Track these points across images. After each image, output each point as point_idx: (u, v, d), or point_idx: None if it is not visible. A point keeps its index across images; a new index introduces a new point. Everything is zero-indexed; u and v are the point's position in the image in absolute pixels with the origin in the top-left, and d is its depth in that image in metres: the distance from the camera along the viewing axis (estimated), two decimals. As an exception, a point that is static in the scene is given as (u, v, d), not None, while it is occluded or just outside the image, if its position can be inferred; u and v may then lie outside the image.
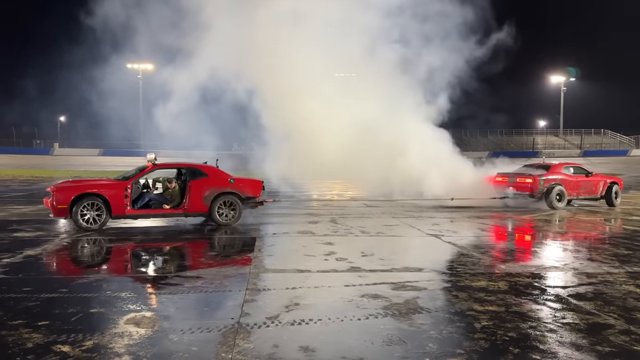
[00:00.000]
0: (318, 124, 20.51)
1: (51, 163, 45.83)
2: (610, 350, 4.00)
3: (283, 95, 21.11)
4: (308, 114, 20.64)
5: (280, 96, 21.29)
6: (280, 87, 20.99)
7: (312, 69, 21.31)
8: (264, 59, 21.24)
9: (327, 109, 20.90)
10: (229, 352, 3.89)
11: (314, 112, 20.64)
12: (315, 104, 20.80)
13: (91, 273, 6.70)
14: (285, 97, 21.01)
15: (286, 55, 21.24)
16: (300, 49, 21.31)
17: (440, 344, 4.08)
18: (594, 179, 16.09)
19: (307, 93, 20.85)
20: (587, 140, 78.44)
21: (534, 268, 7.04)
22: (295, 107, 20.80)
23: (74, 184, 10.65)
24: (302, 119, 20.67)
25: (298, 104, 20.73)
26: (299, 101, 20.74)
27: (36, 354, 3.82)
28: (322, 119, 20.61)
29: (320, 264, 7.16)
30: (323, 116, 20.65)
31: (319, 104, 20.84)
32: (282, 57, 21.19)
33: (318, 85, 21.16)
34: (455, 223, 11.90)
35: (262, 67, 21.30)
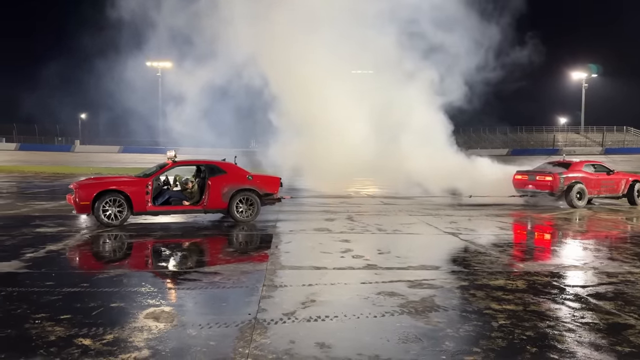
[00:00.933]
0: (333, 120, 20.58)
1: (72, 160, 46.56)
2: (631, 351, 3.95)
3: (298, 91, 21.19)
4: (323, 110, 20.70)
5: (295, 92, 21.38)
6: (296, 84, 21.08)
7: (329, 65, 21.35)
8: (281, 54, 21.33)
9: (342, 105, 20.95)
10: (246, 347, 3.93)
11: (329, 109, 20.70)
12: (331, 100, 20.85)
13: (112, 268, 6.81)
14: (301, 93, 21.08)
15: (303, 51, 21.29)
16: (317, 45, 21.36)
17: (456, 342, 4.07)
18: (616, 177, 15.84)
19: (322, 89, 20.88)
20: (608, 137, 77.10)
21: (552, 267, 6.97)
22: (310, 104, 20.87)
23: (96, 181, 10.83)
24: (316, 115, 20.74)
25: (313, 100, 20.78)
26: (314, 97, 20.78)
27: (58, 346, 3.90)
28: (337, 116, 20.67)
29: (337, 261, 7.18)
30: (338, 113, 20.71)
31: (334, 100, 20.89)
32: (299, 53, 21.26)
33: (333, 81, 21.18)
34: (473, 221, 11.82)
35: (279, 64, 21.41)
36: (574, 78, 76.63)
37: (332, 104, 20.99)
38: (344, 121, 20.80)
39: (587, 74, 75.43)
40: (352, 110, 21.29)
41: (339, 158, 20.00)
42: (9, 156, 49.36)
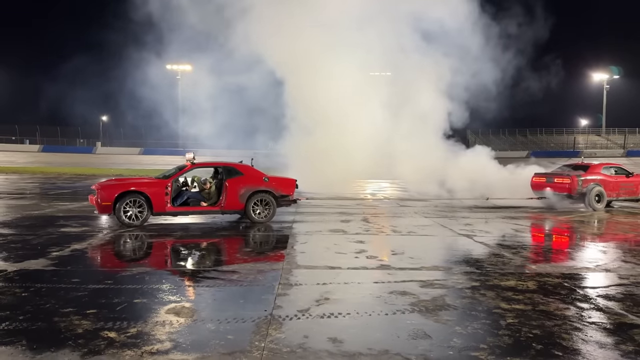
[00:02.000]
0: (350, 120, 20.84)
1: (94, 161, 47.41)
2: (635, 349, 4.05)
3: (313, 91, 21.49)
4: (340, 110, 20.97)
5: (310, 92, 21.68)
6: (311, 84, 21.38)
7: (346, 65, 21.63)
8: (297, 55, 21.67)
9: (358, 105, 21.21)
10: (262, 341, 4.12)
11: (345, 109, 20.97)
12: (346, 100, 21.12)
13: (134, 266, 7.08)
14: (316, 93, 21.37)
15: (320, 50, 21.60)
16: (333, 45, 21.65)
17: (464, 339, 4.22)
18: (635, 179, 15.73)
19: (338, 89, 21.15)
20: (630, 139, 75.92)
21: (565, 269, 7.05)
22: (325, 104, 21.15)
23: (117, 182, 11.15)
24: (331, 115, 21.02)
25: (328, 101, 21.05)
26: (330, 97, 21.05)
27: (86, 338, 4.14)
28: (354, 116, 20.93)
29: (351, 262, 7.35)
30: (354, 113, 20.97)
31: (350, 100, 21.17)
32: (316, 52, 21.56)
33: (349, 81, 21.44)
34: (489, 223, 11.89)
35: (295, 63, 21.74)
36: (595, 80, 75.63)
37: (348, 103, 21.25)
38: (362, 122, 21.06)
39: (608, 75, 74.40)
40: (370, 110, 21.56)
41: (356, 159, 20.24)
42: (33, 157, 50.49)
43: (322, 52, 21.57)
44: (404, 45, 22.46)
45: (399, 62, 23.33)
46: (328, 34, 21.73)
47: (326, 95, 21.19)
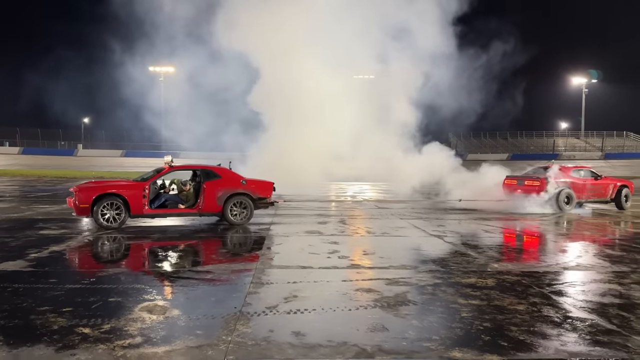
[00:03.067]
0: (326, 121, 21.30)
1: (75, 164, 47.11)
2: (575, 339, 4.39)
3: (291, 92, 21.92)
4: (316, 109, 21.43)
5: (287, 93, 22.11)
6: (289, 85, 21.81)
7: (323, 67, 22.12)
8: (277, 55, 22.05)
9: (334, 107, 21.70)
10: (229, 335, 4.37)
11: (322, 109, 21.43)
12: (324, 102, 21.61)
13: (111, 267, 7.27)
14: (294, 94, 21.80)
15: (299, 52, 22.01)
16: (312, 47, 22.10)
17: (419, 332, 4.52)
18: (603, 182, 16.25)
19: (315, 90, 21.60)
20: (608, 142, 77.43)
21: (525, 267, 7.40)
22: (304, 104, 21.57)
23: (95, 184, 11.29)
24: (308, 116, 21.45)
25: (307, 101, 21.49)
26: (308, 98, 21.49)
27: (61, 334, 4.35)
28: (329, 117, 21.41)
29: (323, 261, 7.62)
30: (330, 114, 21.46)
31: (327, 102, 21.64)
32: (295, 54, 21.96)
33: (327, 84, 21.90)
34: (461, 225, 12.26)
35: (274, 66, 22.11)
36: (575, 83, 77.07)
37: (325, 105, 21.70)
38: (337, 124, 21.50)
39: (587, 79, 75.88)
40: (346, 113, 22.03)
41: (322, 160, 20.74)
42: (13, 160, 49.96)
43: (300, 50, 22.02)
44: (380, 50, 22.97)
45: (377, 66, 23.81)
46: (307, 32, 22.19)
47: (300, 94, 21.64)
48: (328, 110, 22.18)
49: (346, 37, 23.38)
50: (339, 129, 22.07)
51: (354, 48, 23.98)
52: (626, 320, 4.95)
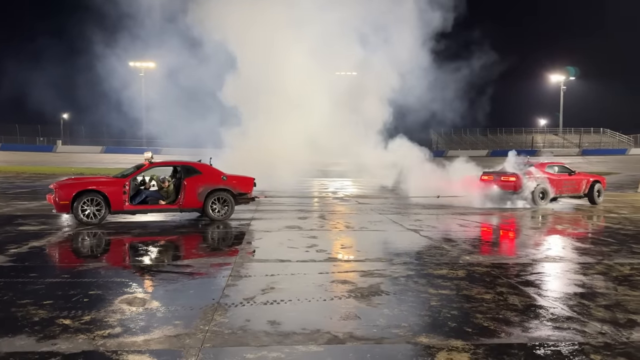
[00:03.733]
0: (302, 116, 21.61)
1: (54, 160, 46.56)
2: (535, 325, 4.64)
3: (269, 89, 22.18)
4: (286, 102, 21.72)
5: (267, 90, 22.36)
6: (265, 85, 22.04)
7: (302, 65, 22.36)
8: (256, 52, 22.25)
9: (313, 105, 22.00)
10: (207, 325, 4.53)
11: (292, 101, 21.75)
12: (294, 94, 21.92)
13: (91, 262, 7.36)
14: (272, 90, 22.07)
15: (279, 49, 22.22)
16: (292, 43, 22.33)
17: (389, 319, 4.73)
18: (577, 177, 16.68)
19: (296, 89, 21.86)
20: (586, 139, 78.92)
21: (496, 259, 7.67)
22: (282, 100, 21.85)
23: (75, 181, 11.32)
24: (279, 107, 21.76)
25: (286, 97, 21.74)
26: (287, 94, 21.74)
27: (42, 325, 4.47)
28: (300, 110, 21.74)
29: (301, 255, 7.80)
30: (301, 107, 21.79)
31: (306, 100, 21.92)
32: (275, 51, 22.19)
33: (306, 83, 22.16)
34: (438, 219, 12.53)
35: (254, 61, 22.31)
36: (553, 81, 78.25)
37: (303, 100, 21.96)
38: (315, 120, 21.84)
39: (565, 76, 77.08)
40: (323, 108, 22.34)
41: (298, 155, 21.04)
42: (-10, 157, 49.18)
43: (279, 44, 22.23)
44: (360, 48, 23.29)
45: (358, 64, 24.10)
46: (288, 27, 22.40)
47: (277, 88, 21.89)
48: (306, 105, 22.43)
49: (327, 33, 23.60)
50: (316, 125, 22.36)
51: (335, 44, 24.20)
52: (586, 308, 5.22)
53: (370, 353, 3.97)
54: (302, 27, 23.03)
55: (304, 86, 22.38)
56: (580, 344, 4.20)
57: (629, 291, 5.86)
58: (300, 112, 22.39)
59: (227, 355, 3.95)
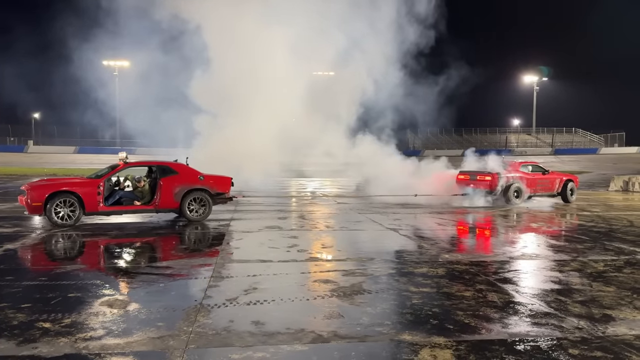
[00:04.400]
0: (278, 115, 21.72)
1: (26, 160, 45.52)
2: (514, 321, 4.74)
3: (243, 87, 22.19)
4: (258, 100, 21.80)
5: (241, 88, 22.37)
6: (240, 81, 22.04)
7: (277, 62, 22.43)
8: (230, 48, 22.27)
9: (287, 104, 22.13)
10: (190, 326, 4.51)
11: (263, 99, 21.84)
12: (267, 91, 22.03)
13: (69, 264, 7.25)
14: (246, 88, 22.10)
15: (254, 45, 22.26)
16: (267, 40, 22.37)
17: (372, 318, 4.78)
18: (551, 176, 17.03)
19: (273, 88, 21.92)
20: (558, 138, 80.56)
21: (474, 257, 7.80)
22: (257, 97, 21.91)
23: (48, 182, 11.10)
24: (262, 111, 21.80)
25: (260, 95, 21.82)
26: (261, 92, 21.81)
27: (21, 329, 4.39)
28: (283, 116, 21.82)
29: (282, 255, 7.80)
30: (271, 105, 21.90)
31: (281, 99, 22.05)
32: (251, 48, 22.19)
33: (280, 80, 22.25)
34: (417, 218, 12.66)
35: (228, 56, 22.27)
36: (526, 81, 79.52)
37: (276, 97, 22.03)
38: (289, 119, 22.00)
39: (538, 77, 78.37)
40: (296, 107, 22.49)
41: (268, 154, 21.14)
42: (-42, 157, 47.85)
43: (256, 40, 22.24)
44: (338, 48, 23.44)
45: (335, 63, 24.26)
46: (265, 23, 22.42)
47: (249, 84, 21.91)
48: (279, 104, 22.50)
49: (305, 33, 23.64)
50: (288, 124, 22.54)
51: (312, 44, 24.26)
52: (563, 303, 5.35)
53: (354, 351, 4.01)
54: (278, 26, 23.03)
55: (277, 84, 22.42)
56: (558, 339, 4.30)
57: (604, 287, 6.03)
58: (272, 111, 22.41)
59: (212, 356, 3.94)
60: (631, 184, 23.27)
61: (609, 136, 76.68)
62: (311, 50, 23.71)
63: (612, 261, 7.55)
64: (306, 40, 23.25)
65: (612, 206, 16.46)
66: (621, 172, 32.08)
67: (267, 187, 20.89)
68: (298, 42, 23.20)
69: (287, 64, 23.04)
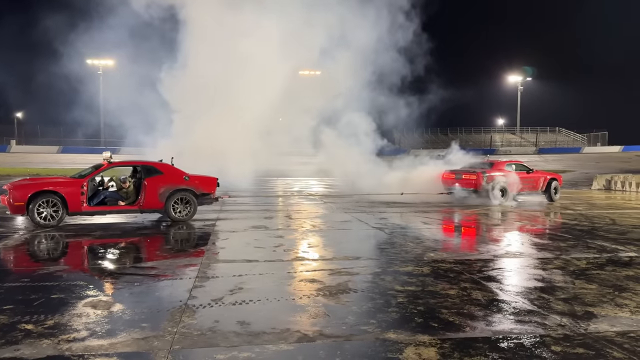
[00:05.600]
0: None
1: (8, 160, 44.87)
2: (498, 319, 4.79)
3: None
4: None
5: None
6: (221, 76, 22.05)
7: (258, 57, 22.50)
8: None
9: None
10: (175, 327, 4.49)
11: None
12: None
13: (52, 265, 7.16)
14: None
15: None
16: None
17: (358, 317, 4.79)
18: (535, 175, 17.21)
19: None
20: (542, 138, 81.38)
21: (459, 256, 7.85)
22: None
23: (30, 181, 10.96)
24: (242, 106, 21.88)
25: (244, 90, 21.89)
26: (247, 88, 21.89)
27: (3, 331, 4.33)
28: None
29: (268, 255, 7.79)
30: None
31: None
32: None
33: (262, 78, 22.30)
34: (403, 217, 12.71)
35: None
36: (511, 81, 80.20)
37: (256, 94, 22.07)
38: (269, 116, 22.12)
39: (522, 77, 79.09)
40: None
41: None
42: (-62, 157, 47.03)
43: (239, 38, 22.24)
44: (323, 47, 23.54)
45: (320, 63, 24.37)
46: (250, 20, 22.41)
47: (226, 81, 21.91)
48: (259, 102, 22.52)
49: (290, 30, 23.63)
50: (266, 123, 22.65)
51: (297, 41, 24.26)
52: (546, 301, 5.41)
53: (340, 350, 4.02)
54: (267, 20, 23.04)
55: (263, 80, 22.44)
56: (541, 336, 4.35)
57: (586, 284, 6.11)
58: (257, 108, 22.43)
59: (197, 356, 3.93)
60: (613, 182, 23.60)
61: (592, 135, 77.67)
62: (297, 47, 23.72)
63: (595, 259, 7.65)
64: (292, 36, 23.25)
65: (594, 204, 16.68)
66: (604, 171, 32.55)
67: (253, 187, 20.87)
68: (284, 38, 23.20)
69: (273, 61, 23.03)
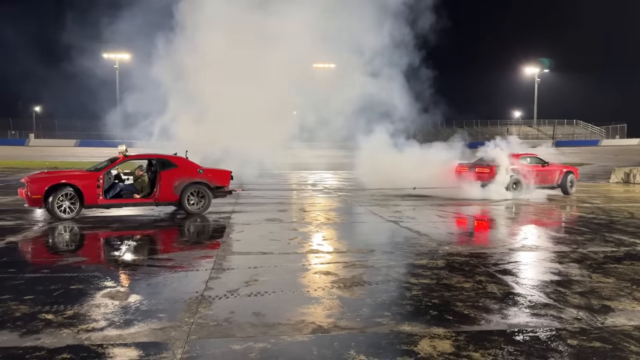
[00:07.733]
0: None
1: (27, 154, 45.58)
2: (514, 312, 4.77)
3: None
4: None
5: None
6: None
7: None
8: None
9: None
10: (192, 317, 4.55)
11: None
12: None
13: (70, 257, 7.28)
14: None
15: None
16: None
17: (372, 309, 4.81)
18: (550, 168, 17.04)
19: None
20: (559, 130, 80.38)
21: (474, 249, 7.82)
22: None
23: (47, 175, 11.13)
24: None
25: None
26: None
27: (24, 320, 4.42)
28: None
29: (283, 247, 7.84)
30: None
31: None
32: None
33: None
34: (417, 210, 12.68)
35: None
36: (528, 73, 79.26)
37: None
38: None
39: (539, 68, 78.12)
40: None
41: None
42: (-41, 151, 47.87)
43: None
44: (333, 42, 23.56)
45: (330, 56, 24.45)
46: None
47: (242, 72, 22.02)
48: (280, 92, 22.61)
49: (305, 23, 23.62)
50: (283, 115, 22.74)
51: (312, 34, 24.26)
52: (562, 295, 5.37)
53: (354, 341, 4.04)
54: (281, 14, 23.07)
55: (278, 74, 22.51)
56: (557, 330, 4.33)
57: (603, 278, 6.05)
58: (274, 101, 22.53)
59: (213, 346, 3.97)
60: (632, 175, 23.28)
61: (610, 128, 76.44)
62: (311, 41, 23.71)
63: (612, 253, 7.58)
64: (307, 30, 23.22)
65: (612, 198, 16.48)
66: (622, 164, 32.07)
67: (268, 180, 20.96)
68: (299, 32, 23.18)
69: (287, 54, 23.06)
